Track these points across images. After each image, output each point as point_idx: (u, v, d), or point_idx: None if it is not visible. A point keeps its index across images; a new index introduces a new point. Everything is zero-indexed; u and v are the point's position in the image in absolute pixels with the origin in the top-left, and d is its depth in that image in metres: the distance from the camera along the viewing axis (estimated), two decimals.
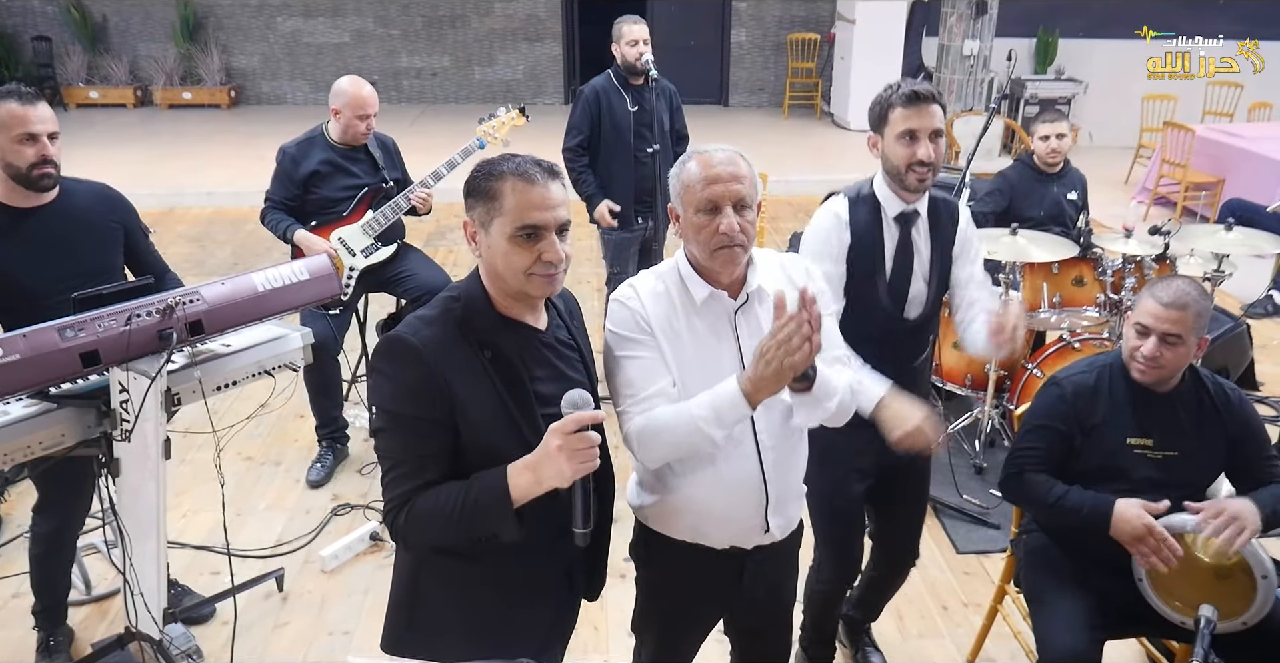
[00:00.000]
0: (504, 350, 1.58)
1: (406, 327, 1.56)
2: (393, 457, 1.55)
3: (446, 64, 11.36)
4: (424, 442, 1.53)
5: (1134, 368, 2.21)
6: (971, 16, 7.33)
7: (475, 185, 1.57)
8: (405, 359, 1.52)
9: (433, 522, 1.51)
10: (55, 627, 2.78)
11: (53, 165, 2.41)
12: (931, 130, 2.13)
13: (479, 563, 1.64)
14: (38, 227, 2.46)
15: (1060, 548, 2.35)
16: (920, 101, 2.13)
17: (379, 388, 1.57)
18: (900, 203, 2.24)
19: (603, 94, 4.14)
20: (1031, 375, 3.82)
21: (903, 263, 2.27)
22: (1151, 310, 2.16)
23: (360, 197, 3.65)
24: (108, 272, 2.56)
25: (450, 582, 1.68)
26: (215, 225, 7.22)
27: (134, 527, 2.29)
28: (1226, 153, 7.29)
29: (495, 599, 1.69)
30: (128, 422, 2.13)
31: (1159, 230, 3.84)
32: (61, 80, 10.73)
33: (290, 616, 3.02)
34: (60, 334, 1.98)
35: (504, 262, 1.55)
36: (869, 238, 2.24)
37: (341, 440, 3.91)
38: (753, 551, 1.91)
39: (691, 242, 1.76)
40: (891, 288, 2.27)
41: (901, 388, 2.22)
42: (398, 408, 1.53)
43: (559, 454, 1.44)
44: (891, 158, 2.18)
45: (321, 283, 2.44)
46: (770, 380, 1.59)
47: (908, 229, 2.26)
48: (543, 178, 1.54)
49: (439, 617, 1.70)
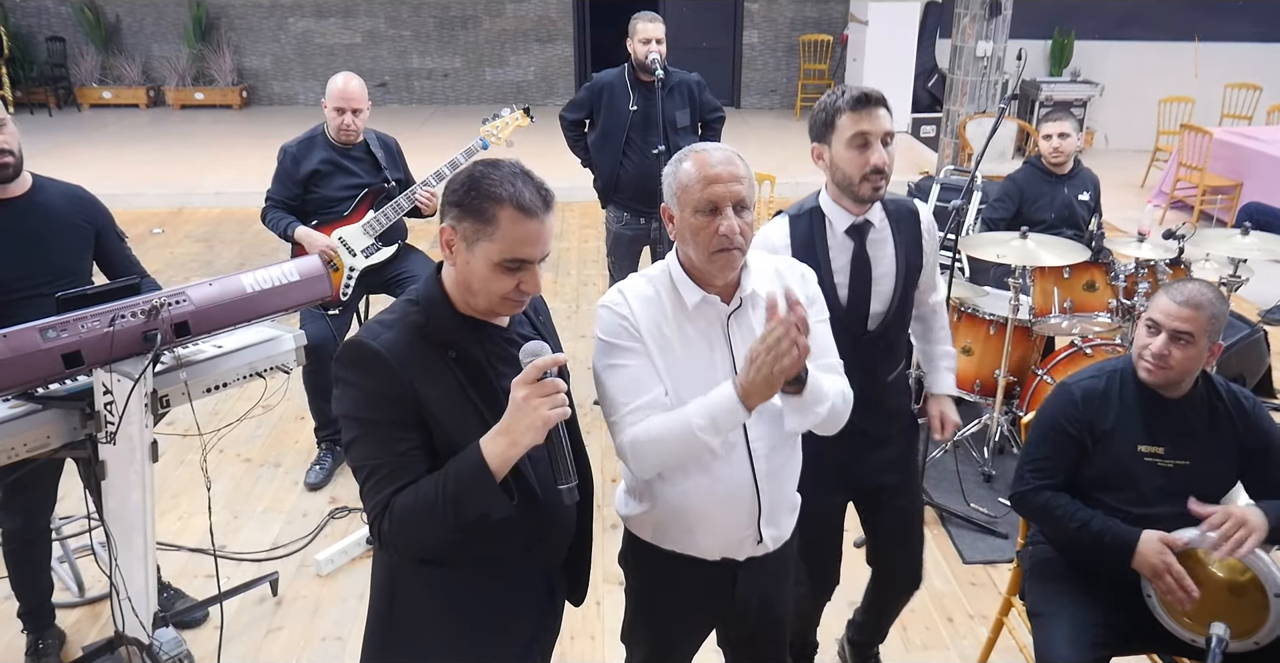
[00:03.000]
0: (468, 349, 1.54)
1: (366, 332, 1.52)
2: (369, 463, 1.50)
3: (458, 65, 11.36)
4: (399, 443, 1.48)
5: (1141, 367, 2.14)
6: (985, 18, 7.24)
7: (468, 201, 1.48)
8: (369, 364, 1.48)
9: (417, 517, 1.45)
10: (43, 629, 2.75)
11: (8, 154, 2.39)
12: (884, 134, 2.02)
13: (457, 570, 1.60)
14: (3, 220, 2.43)
15: (1067, 561, 2.28)
16: (870, 105, 2.01)
17: (345, 397, 1.50)
18: (849, 216, 2.13)
19: (608, 86, 4.15)
20: (1041, 381, 3.75)
21: (860, 277, 2.15)
22: (1164, 307, 2.09)
23: (361, 196, 3.62)
24: (75, 272, 2.54)
25: (428, 591, 1.63)
26: (223, 225, 7.22)
27: (120, 530, 2.26)
28: (1244, 156, 7.19)
29: (475, 608, 1.64)
30: (112, 424, 2.10)
31: (1174, 234, 3.76)
32: (75, 80, 10.79)
33: (283, 621, 2.98)
34: (42, 334, 1.95)
35: (481, 284, 1.51)
36: (811, 257, 2.10)
37: (340, 443, 3.87)
38: (745, 562, 1.86)
39: (688, 243, 1.70)
40: (850, 303, 2.16)
41: (874, 401, 2.16)
42: (368, 414, 1.49)
43: (527, 405, 1.41)
44: (842, 167, 2.05)
45: (312, 284, 2.41)
46: (762, 386, 1.55)
47: (862, 241, 2.14)
48: (542, 212, 1.48)
49: (417, 627, 1.66)
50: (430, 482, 1.47)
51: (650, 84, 4.07)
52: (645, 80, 4.09)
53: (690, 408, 1.64)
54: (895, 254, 2.18)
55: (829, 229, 2.14)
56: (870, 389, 2.15)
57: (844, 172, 2.06)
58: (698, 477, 1.74)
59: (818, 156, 2.12)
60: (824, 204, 2.15)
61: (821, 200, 2.16)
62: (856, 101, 2.01)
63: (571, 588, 1.84)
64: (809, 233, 2.14)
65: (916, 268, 2.24)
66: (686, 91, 4.19)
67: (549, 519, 1.64)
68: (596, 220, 4.37)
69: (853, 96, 2.02)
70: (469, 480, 1.44)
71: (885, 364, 2.27)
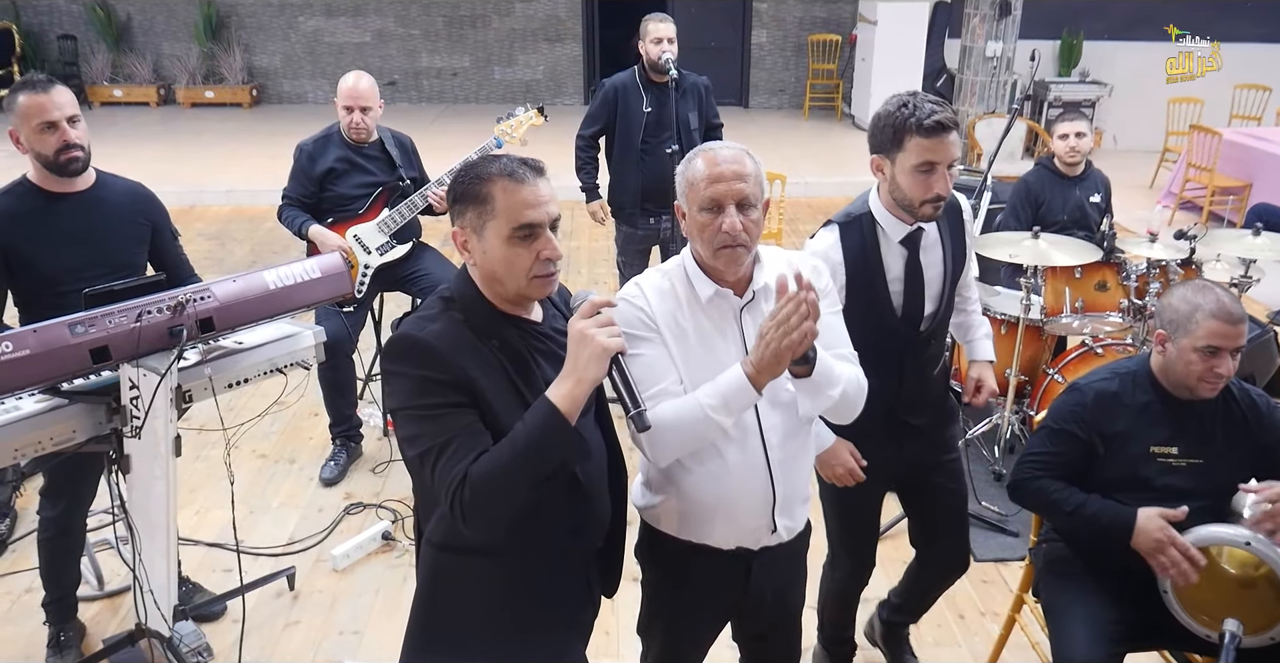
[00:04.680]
0: (509, 340, 1.58)
1: (410, 326, 1.54)
2: (437, 442, 1.48)
3: (467, 64, 11.38)
4: (461, 417, 1.49)
5: (1203, 389, 2.11)
6: (995, 18, 7.25)
7: (463, 190, 1.55)
8: (420, 353, 1.50)
9: (497, 479, 1.45)
10: (65, 621, 2.78)
11: (78, 148, 2.43)
12: (949, 162, 1.99)
13: (499, 559, 1.62)
14: (67, 212, 2.48)
15: (1081, 558, 2.30)
16: (942, 131, 1.96)
17: (400, 390, 1.51)
18: (904, 226, 2.11)
19: (621, 90, 4.17)
20: (1053, 381, 3.76)
21: (913, 286, 2.15)
22: (1220, 331, 2.05)
23: (376, 194, 3.65)
24: (129, 267, 2.58)
25: (473, 582, 1.65)
26: (234, 223, 7.25)
27: (144, 524, 2.29)
28: (1254, 156, 7.18)
29: (516, 597, 1.66)
30: (138, 418, 2.13)
31: (1185, 235, 3.77)
32: (86, 79, 10.83)
33: (300, 615, 3.01)
34: (70, 330, 1.98)
35: (504, 266, 1.54)
36: (866, 268, 2.10)
37: (355, 439, 3.90)
38: (760, 552, 1.88)
39: (696, 240, 1.75)
40: (905, 311, 2.16)
41: (925, 397, 2.18)
42: (426, 399, 1.49)
43: (588, 337, 1.46)
44: (904, 188, 2.03)
45: (333, 281, 2.43)
46: (770, 362, 1.58)
47: (915, 250, 2.14)
48: (531, 176, 1.54)
49: (461, 620, 1.68)
50: (504, 443, 1.48)
51: (663, 85, 4.09)
52: (657, 81, 4.11)
53: (701, 390, 1.67)
54: (944, 256, 2.20)
55: (883, 238, 2.12)
56: (917, 384, 2.18)
57: (905, 193, 2.04)
58: (713, 466, 1.77)
59: (877, 168, 2.07)
60: (877, 212, 2.13)
61: (874, 207, 2.13)
62: (930, 129, 1.95)
63: (605, 579, 1.86)
64: (863, 244, 2.11)
65: (962, 264, 2.26)
66: (697, 94, 4.21)
67: (590, 504, 1.67)
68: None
69: (927, 123, 1.94)
70: (543, 427, 1.46)
71: (932, 359, 2.29)
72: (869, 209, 2.14)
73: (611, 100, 4.18)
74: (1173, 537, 2.02)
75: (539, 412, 1.47)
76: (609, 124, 4.23)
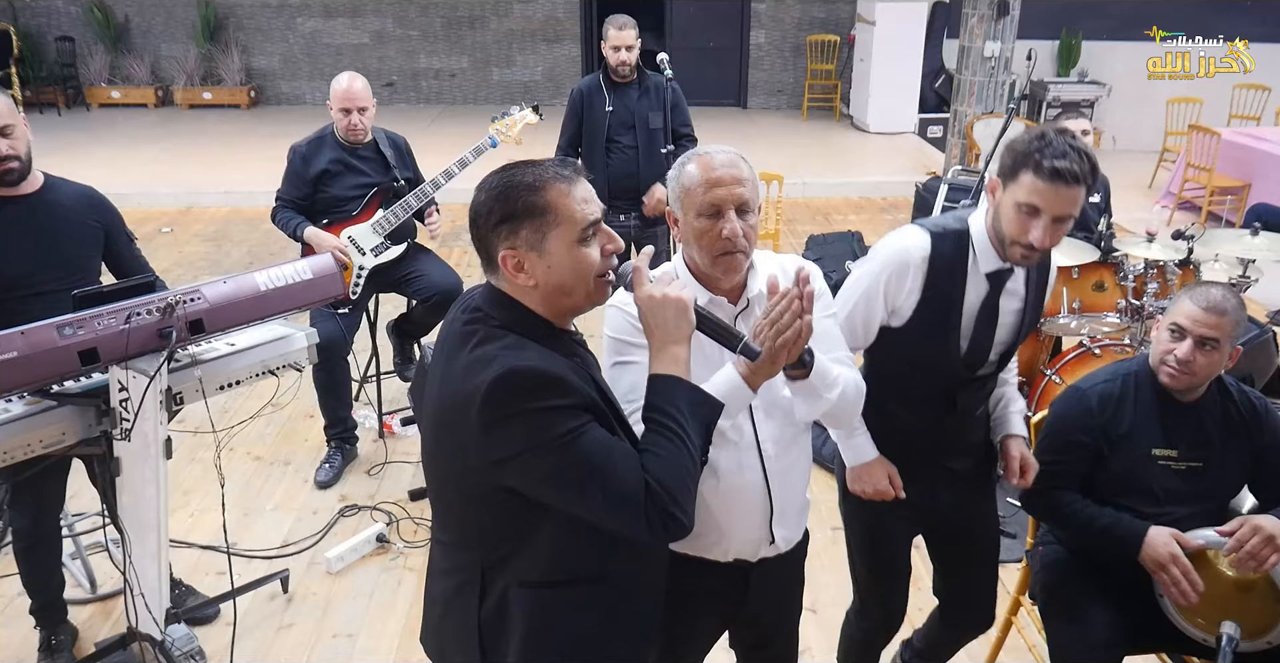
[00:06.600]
0: (575, 352, 1.52)
1: (508, 361, 1.39)
2: (610, 460, 1.39)
3: (465, 65, 11.37)
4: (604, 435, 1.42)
5: (1163, 372, 2.13)
6: (993, 18, 7.23)
7: (516, 208, 1.42)
8: (545, 383, 1.39)
9: (676, 466, 1.40)
10: (56, 625, 2.77)
11: (13, 160, 2.40)
12: (1058, 215, 1.82)
13: (606, 584, 1.54)
14: (14, 215, 2.45)
15: (1078, 561, 2.28)
16: (1060, 181, 1.77)
17: (539, 424, 1.37)
18: (996, 259, 1.95)
19: (585, 94, 4.25)
20: (1050, 382, 3.74)
21: (984, 327, 2.00)
22: (1189, 313, 2.07)
23: (370, 195, 3.64)
24: (82, 271, 2.55)
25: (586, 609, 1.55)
26: (232, 225, 7.24)
27: (134, 526, 2.28)
28: (1253, 157, 7.17)
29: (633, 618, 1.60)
30: (127, 421, 2.12)
31: (1183, 235, 3.76)
32: (84, 80, 10.82)
33: (294, 617, 3.00)
34: (59, 331, 1.97)
35: (573, 272, 1.45)
36: (947, 285, 1.95)
37: (350, 441, 3.88)
38: (758, 563, 1.86)
39: (692, 246, 1.71)
40: (968, 352, 2.01)
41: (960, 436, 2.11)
42: (568, 426, 1.38)
43: (661, 300, 1.47)
44: (1004, 221, 1.89)
45: (325, 282, 2.42)
46: (765, 362, 1.54)
47: (998, 288, 1.98)
48: (574, 174, 1.48)
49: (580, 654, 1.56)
50: (654, 435, 1.43)
51: (626, 85, 4.18)
52: (619, 81, 4.18)
53: None
54: (1023, 308, 2.05)
55: (971, 264, 1.98)
56: (956, 425, 2.10)
57: (1003, 226, 1.90)
58: (709, 478, 1.74)
59: (991, 190, 1.93)
60: (975, 234, 1.98)
61: (973, 228, 1.99)
62: (1048, 173, 1.78)
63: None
64: (953, 259, 1.97)
65: (1035, 322, 2.12)
66: (661, 93, 4.17)
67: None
68: None
69: (1046, 164, 1.78)
70: (681, 399, 1.44)
71: (977, 401, 2.16)
72: (967, 227, 2.00)
73: (578, 105, 4.25)
74: (1177, 556, 2.01)
75: (662, 388, 1.45)
76: (579, 129, 4.29)
